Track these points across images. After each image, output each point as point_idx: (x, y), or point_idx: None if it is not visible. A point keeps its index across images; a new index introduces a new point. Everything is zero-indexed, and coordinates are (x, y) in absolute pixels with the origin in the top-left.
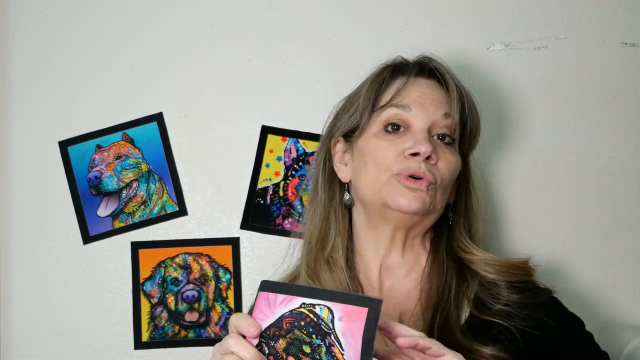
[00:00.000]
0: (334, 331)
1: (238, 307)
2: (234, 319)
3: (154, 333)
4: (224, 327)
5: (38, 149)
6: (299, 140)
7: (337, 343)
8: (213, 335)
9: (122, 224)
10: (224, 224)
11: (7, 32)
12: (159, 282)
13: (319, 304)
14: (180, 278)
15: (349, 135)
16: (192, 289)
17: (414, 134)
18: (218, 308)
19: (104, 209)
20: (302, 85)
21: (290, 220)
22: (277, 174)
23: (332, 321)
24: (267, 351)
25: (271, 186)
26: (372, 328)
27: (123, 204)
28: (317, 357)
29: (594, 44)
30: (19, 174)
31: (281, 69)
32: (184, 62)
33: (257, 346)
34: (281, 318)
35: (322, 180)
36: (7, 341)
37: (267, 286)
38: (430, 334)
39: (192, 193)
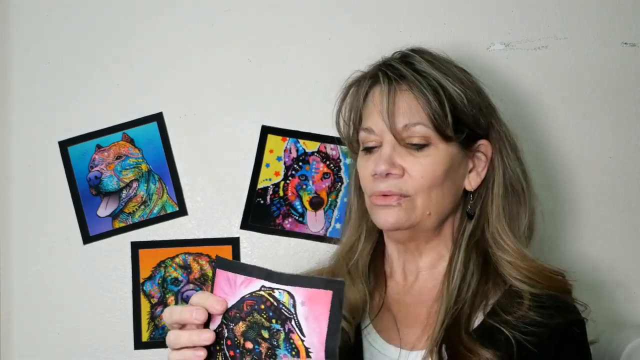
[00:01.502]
0: (295, 316)
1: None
2: (198, 297)
3: (154, 333)
4: None
5: (38, 149)
6: (299, 140)
7: (297, 329)
8: None
9: (122, 224)
10: (224, 224)
11: (7, 32)
12: (159, 282)
13: (278, 288)
14: (180, 278)
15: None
16: (192, 289)
17: (378, 153)
18: None
19: (104, 209)
20: (302, 85)
21: (290, 220)
22: (277, 174)
23: (294, 306)
24: (226, 334)
25: (271, 186)
26: (337, 311)
27: (123, 204)
28: (275, 343)
29: (594, 44)
30: (19, 174)
31: (281, 69)
32: (184, 62)
33: (218, 327)
34: (242, 300)
35: (353, 189)
36: (7, 341)
37: (222, 264)
38: (438, 336)
39: (192, 193)
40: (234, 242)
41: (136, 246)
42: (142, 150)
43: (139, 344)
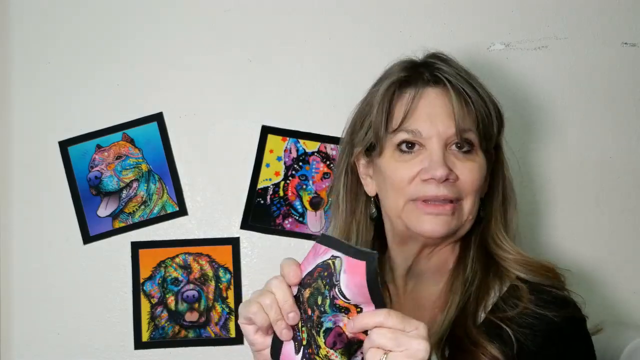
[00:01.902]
0: (339, 283)
1: (238, 307)
2: (283, 262)
3: (154, 333)
4: (224, 327)
5: (38, 149)
6: (299, 140)
7: (340, 295)
8: (213, 335)
9: (122, 224)
10: (224, 224)
11: (7, 32)
12: (159, 282)
13: (338, 257)
14: (180, 278)
15: (370, 150)
16: (192, 289)
17: (429, 154)
18: (218, 308)
19: (104, 209)
20: (302, 85)
21: (290, 220)
22: (277, 174)
23: (340, 273)
24: (300, 298)
25: (271, 186)
26: (374, 280)
27: (123, 204)
28: (322, 309)
29: (594, 44)
30: (19, 174)
31: (281, 69)
32: (184, 62)
33: (297, 292)
34: (315, 267)
35: (344, 192)
36: (7, 341)
37: (323, 240)
38: (444, 331)
39: (192, 193)
40: (234, 242)
41: (136, 246)
42: (142, 150)
43: (139, 344)
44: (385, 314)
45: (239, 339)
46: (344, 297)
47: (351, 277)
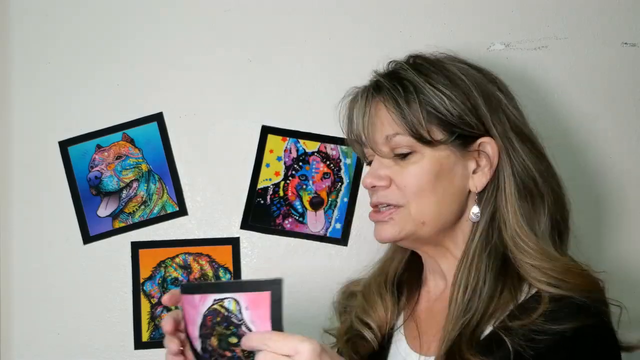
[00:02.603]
0: (244, 321)
1: None
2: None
3: (154, 333)
4: None
5: (38, 149)
6: (299, 140)
7: (248, 332)
8: None
9: (122, 224)
10: (224, 224)
11: (7, 32)
12: (159, 282)
13: (226, 298)
14: (180, 278)
15: None
16: None
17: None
18: None
19: (104, 209)
20: (302, 85)
21: (290, 220)
22: (277, 174)
23: (240, 312)
24: (208, 349)
25: (271, 186)
26: (277, 309)
27: (123, 204)
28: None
29: (594, 44)
30: (19, 174)
31: (281, 69)
32: (184, 62)
33: (203, 345)
34: (204, 317)
35: None
36: (7, 341)
37: (186, 289)
38: (444, 345)
39: (192, 193)
40: (234, 242)
41: (136, 246)
42: (142, 150)
43: (139, 344)
44: (268, 337)
45: None
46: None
47: (255, 312)
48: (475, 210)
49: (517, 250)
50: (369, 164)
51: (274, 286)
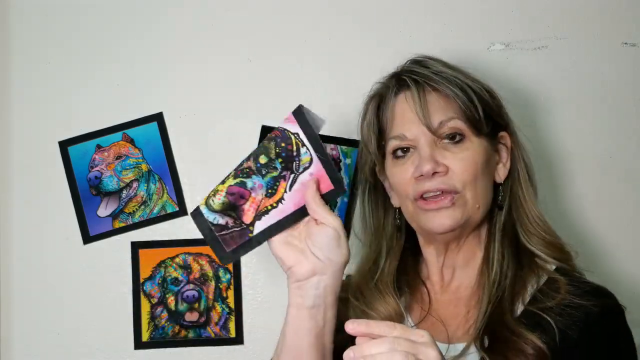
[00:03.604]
0: (298, 175)
1: (238, 307)
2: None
3: (154, 333)
4: (224, 327)
5: (38, 149)
6: None
7: (289, 182)
8: (213, 335)
9: (122, 224)
10: None
11: (7, 32)
12: (159, 282)
13: (307, 147)
14: (180, 278)
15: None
16: (192, 289)
17: (418, 153)
18: (218, 308)
19: (104, 209)
20: (302, 85)
21: None
22: None
23: (306, 169)
24: None
25: None
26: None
27: (123, 204)
28: (264, 172)
29: (594, 44)
30: (19, 174)
31: (281, 69)
32: (184, 62)
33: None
34: (275, 128)
35: (369, 209)
36: (7, 341)
37: (299, 115)
38: (481, 324)
39: (192, 193)
40: None
41: (136, 246)
42: (142, 150)
43: (139, 344)
44: (392, 326)
45: (239, 339)
46: (290, 187)
47: (311, 185)
48: (502, 198)
49: (526, 234)
50: (397, 156)
51: (338, 187)
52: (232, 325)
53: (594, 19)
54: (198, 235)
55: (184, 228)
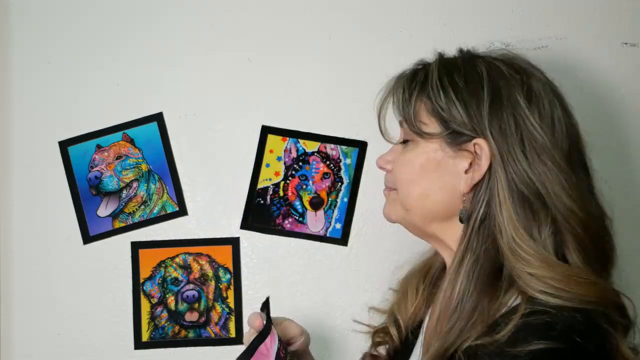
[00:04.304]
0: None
1: (238, 307)
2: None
3: (154, 333)
4: (224, 327)
5: (38, 149)
6: (299, 140)
7: None
8: (213, 335)
9: (122, 224)
10: (224, 224)
11: (7, 32)
12: (159, 282)
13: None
14: (180, 278)
15: None
16: (192, 289)
17: None
18: (218, 308)
19: (104, 209)
20: (302, 85)
21: (290, 220)
22: (277, 174)
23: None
24: None
25: (271, 186)
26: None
27: (123, 204)
28: None
29: (594, 44)
30: (19, 174)
31: (281, 69)
32: (184, 62)
33: None
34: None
35: None
36: (7, 341)
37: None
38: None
39: (192, 193)
40: (234, 242)
41: (136, 246)
42: (142, 150)
43: (139, 344)
44: None
45: (239, 339)
46: None
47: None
48: (462, 211)
49: (514, 258)
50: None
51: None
52: (232, 325)
53: (594, 19)
54: (198, 235)
55: (184, 228)
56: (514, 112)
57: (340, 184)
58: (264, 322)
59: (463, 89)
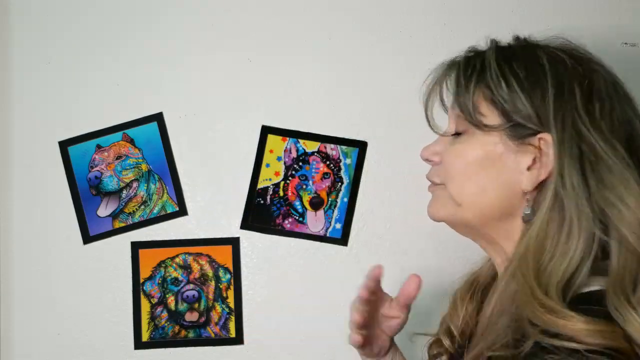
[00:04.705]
0: None
1: (238, 307)
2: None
3: (154, 333)
4: (224, 327)
5: (38, 149)
6: (299, 140)
7: None
8: (213, 335)
9: (122, 224)
10: (224, 224)
11: (7, 32)
12: (159, 282)
13: None
14: (180, 278)
15: None
16: (192, 289)
17: None
18: (218, 308)
19: (104, 209)
20: (302, 85)
21: (290, 220)
22: (277, 174)
23: None
24: None
25: (271, 186)
26: None
27: (123, 204)
28: None
29: (594, 44)
30: (19, 174)
31: (281, 69)
32: (184, 62)
33: None
34: None
35: None
36: (7, 341)
37: None
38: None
39: (192, 193)
40: (234, 242)
41: (136, 246)
42: (142, 150)
43: (139, 344)
44: None
45: (239, 339)
46: None
47: None
48: (526, 210)
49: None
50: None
51: None
52: (232, 325)
53: (594, 19)
54: (198, 235)
55: (184, 228)
56: (577, 106)
57: (340, 184)
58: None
59: (525, 80)
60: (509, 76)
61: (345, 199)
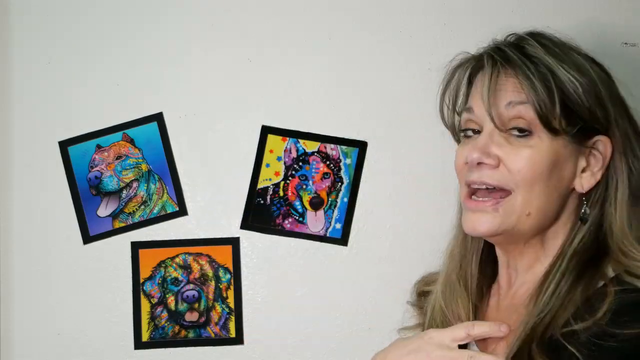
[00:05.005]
0: None
1: (238, 307)
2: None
3: (154, 333)
4: (224, 327)
5: (38, 149)
6: (299, 140)
7: None
8: (213, 335)
9: (122, 224)
10: (224, 224)
11: (7, 32)
12: (159, 282)
13: None
14: (180, 278)
15: None
16: (192, 289)
17: (476, 139)
18: (218, 308)
19: (104, 209)
20: (302, 85)
21: (290, 220)
22: (277, 174)
23: None
24: None
25: (271, 186)
26: None
27: (123, 204)
28: None
29: (594, 44)
30: (19, 174)
31: (281, 69)
32: (184, 62)
33: None
34: None
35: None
36: (7, 341)
37: None
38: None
39: (192, 193)
40: (234, 242)
41: (136, 246)
42: (142, 150)
43: (139, 344)
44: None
45: (239, 339)
46: None
47: None
48: (586, 210)
49: (624, 258)
50: (466, 135)
51: None
52: (232, 325)
53: (594, 19)
54: (198, 235)
55: (184, 228)
56: (624, 107)
57: (340, 184)
58: None
59: (587, 83)
60: (578, 79)
61: (345, 199)
